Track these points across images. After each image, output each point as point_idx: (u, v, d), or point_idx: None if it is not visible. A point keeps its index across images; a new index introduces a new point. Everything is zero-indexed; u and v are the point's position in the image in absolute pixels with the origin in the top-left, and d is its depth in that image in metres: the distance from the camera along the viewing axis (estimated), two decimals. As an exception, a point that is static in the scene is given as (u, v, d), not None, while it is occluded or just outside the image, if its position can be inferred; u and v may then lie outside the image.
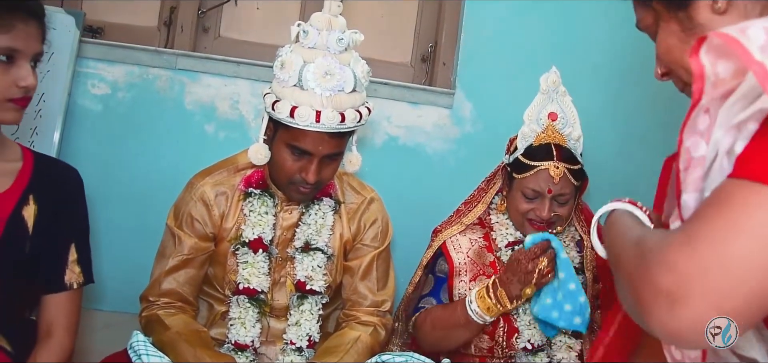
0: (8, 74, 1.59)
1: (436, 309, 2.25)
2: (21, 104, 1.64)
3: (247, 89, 2.80)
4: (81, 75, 2.69)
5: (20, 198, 1.73)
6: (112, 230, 2.63)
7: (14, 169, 1.75)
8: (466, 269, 2.26)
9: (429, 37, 3.04)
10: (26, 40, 1.61)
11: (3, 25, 1.56)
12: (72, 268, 1.82)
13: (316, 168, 1.94)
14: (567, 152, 2.19)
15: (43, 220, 1.75)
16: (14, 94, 1.61)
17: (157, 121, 2.76)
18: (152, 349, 1.90)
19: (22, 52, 1.60)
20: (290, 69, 1.89)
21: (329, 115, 1.87)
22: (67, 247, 1.82)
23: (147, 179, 2.73)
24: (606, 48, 2.99)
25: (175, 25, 2.88)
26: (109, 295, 2.65)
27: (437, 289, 2.31)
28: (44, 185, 1.77)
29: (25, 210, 1.73)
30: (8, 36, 1.57)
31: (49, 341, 1.79)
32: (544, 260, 2.10)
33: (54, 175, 1.81)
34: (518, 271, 2.11)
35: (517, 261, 2.12)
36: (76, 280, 1.82)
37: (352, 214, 2.17)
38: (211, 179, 2.09)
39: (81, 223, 1.86)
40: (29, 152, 1.81)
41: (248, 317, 2.05)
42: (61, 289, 1.81)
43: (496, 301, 2.13)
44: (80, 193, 1.85)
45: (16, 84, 1.60)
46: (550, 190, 2.16)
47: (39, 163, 1.79)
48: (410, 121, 2.92)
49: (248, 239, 2.05)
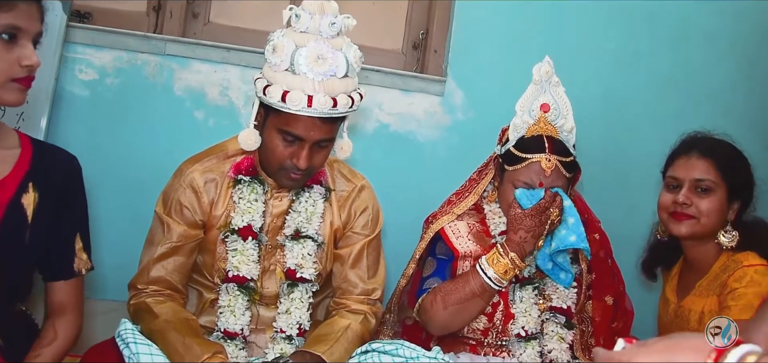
0: (11, 53, 1.57)
1: (446, 285, 2.21)
2: (25, 84, 1.62)
3: (237, 75, 2.79)
4: (68, 60, 2.66)
5: (19, 185, 1.71)
6: (101, 217, 2.60)
7: (13, 156, 1.73)
8: (470, 251, 2.24)
9: (420, 25, 3.03)
10: (28, 19, 1.59)
11: (5, 3, 1.54)
12: (80, 255, 1.84)
13: (308, 154, 1.93)
14: (559, 144, 2.18)
15: (44, 208, 1.73)
16: (18, 74, 1.59)
17: (146, 107, 2.74)
18: (140, 337, 1.88)
19: (25, 30, 1.58)
20: (282, 53, 1.87)
21: (321, 100, 1.86)
22: (74, 236, 1.83)
23: (136, 166, 2.71)
24: (598, 38, 2.99)
25: (164, 11, 2.85)
26: (99, 283, 2.63)
27: (442, 269, 2.27)
28: (44, 173, 1.75)
29: (25, 198, 1.71)
30: (11, 14, 1.55)
31: (63, 317, 1.84)
32: (555, 211, 2.10)
33: (54, 162, 1.79)
34: (530, 226, 2.10)
35: (526, 216, 2.10)
36: (84, 266, 1.85)
37: (343, 202, 2.15)
38: (200, 166, 2.07)
39: (83, 211, 1.87)
40: (27, 139, 1.78)
41: (238, 305, 2.03)
42: (71, 277, 1.84)
43: (510, 263, 2.12)
44: (80, 181, 1.85)
45: (20, 63, 1.58)
46: (542, 184, 2.14)
47: (37, 150, 1.78)
48: (401, 109, 2.91)
49: (238, 227, 2.03)
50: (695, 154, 2.21)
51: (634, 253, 2.47)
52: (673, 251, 2.35)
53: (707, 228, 2.17)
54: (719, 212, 2.17)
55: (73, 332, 1.86)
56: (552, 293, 2.27)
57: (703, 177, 2.18)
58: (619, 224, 2.59)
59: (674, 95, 3.09)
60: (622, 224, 2.61)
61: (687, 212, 2.18)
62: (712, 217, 2.17)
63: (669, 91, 3.09)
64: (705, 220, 2.17)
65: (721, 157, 2.19)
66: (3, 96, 1.59)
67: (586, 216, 2.38)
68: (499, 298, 2.21)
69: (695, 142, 2.26)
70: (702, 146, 2.22)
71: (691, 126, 2.35)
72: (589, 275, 2.33)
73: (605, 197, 2.73)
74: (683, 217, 2.19)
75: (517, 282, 2.23)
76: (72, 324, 1.85)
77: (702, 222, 2.17)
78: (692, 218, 2.18)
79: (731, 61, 3.12)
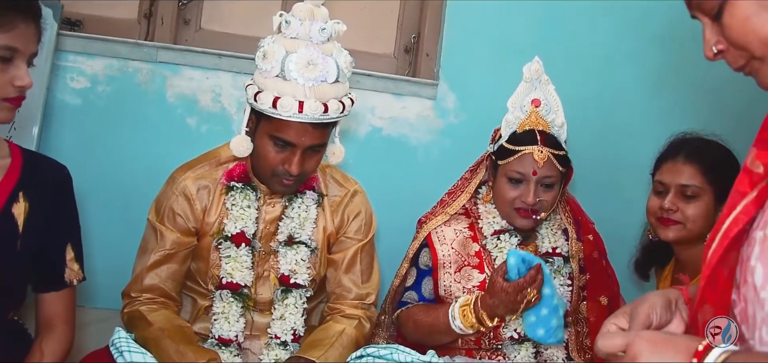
0: (5, 73, 1.58)
1: (419, 311, 2.24)
2: (15, 104, 1.63)
3: (229, 82, 2.78)
4: (60, 69, 2.66)
5: (9, 195, 1.71)
6: (94, 226, 2.59)
7: (2, 166, 1.73)
8: (451, 261, 2.25)
9: (412, 28, 3.03)
10: (25, 40, 1.59)
11: (5, 24, 1.55)
12: (71, 266, 1.83)
13: (300, 159, 1.93)
14: (551, 138, 2.20)
15: (35, 218, 1.74)
16: (9, 94, 1.60)
17: (139, 114, 2.74)
18: (134, 345, 1.89)
19: (21, 51, 1.59)
20: (272, 59, 1.87)
21: (312, 106, 1.86)
22: (65, 246, 1.83)
23: (129, 174, 2.70)
24: (590, 38, 2.99)
25: (156, 18, 2.85)
26: (91, 292, 2.62)
27: (419, 283, 2.30)
28: (34, 183, 1.76)
29: (15, 208, 1.71)
30: (9, 35, 1.56)
31: (51, 333, 1.82)
32: (533, 291, 2.05)
33: (44, 172, 1.80)
34: (505, 300, 2.06)
35: (503, 290, 2.05)
36: (76, 277, 1.85)
37: (336, 207, 2.16)
38: (192, 173, 2.07)
39: (74, 221, 1.87)
40: (17, 148, 1.79)
41: (232, 312, 2.03)
42: (62, 288, 1.83)
43: (478, 322, 2.11)
44: (71, 191, 1.85)
45: (12, 83, 1.59)
46: (535, 172, 2.16)
47: (27, 160, 1.78)
48: (394, 113, 2.91)
49: (231, 233, 2.04)
50: (681, 158, 2.20)
51: (628, 253, 2.47)
52: (666, 251, 2.35)
53: (694, 233, 2.16)
54: (706, 217, 2.15)
55: (63, 348, 1.84)
56: (544, 294, 2.27)
57: (688, 183, 2.16)
58: (613, 224, 2.59)
59: (666, 95, 3.10)
60: (615, 224, 2.61)
61: (673, 218, 2.17)
62: (699, 222, 2.15)
63: (661, 91, 3.10)
64: (691, 226, 2.16)
65: (707, 161, 2.18)
66: None
67: (580, 218, 2.39)
68: None
69: (682, 145, 2.24)
70: (688, 150, 2.21)
71: (683, 125, 2.35)
72: (582, 276, 2.34)
73: (598, 198, 2.73)
74: (670, 222, 2.18)
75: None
76: (62, 340, 1.83)
77: (688, 227, 2.16)
78: (679, 223, 2.17)
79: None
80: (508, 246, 2.25)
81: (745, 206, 1.13)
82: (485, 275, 2.23)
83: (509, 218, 2.24)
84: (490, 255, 2.26)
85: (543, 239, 2.32)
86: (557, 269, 2.29)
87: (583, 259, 2.34)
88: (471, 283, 2.23)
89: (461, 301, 2.16)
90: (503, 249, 2.24)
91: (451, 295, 2.23)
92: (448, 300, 2.22)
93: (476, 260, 2.25)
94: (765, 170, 1.11)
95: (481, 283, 2.22)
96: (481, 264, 2.25)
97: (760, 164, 1.12)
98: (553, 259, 2.29)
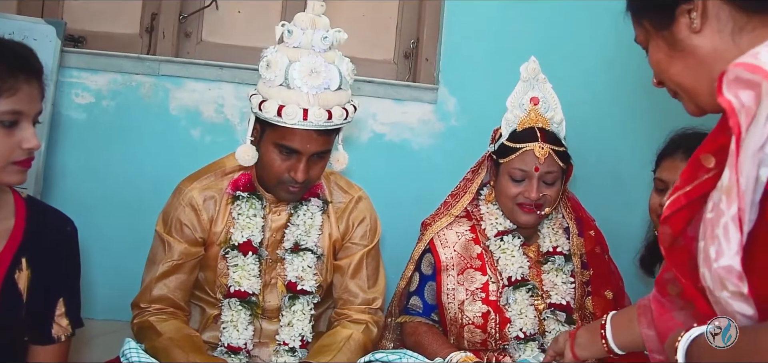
0: (12, 137, 1.56)
1: (422, 335, 2.25)
2: (24, 166, 1.61)
3: (232, 92, 2.80)
4: (64, 85, 2.68)
5: (11, 263, 1.68)
6: (101, 239, 2.62)
7: (6, 228, 1.70)
8: (454, 264, 2.27)
9: (411, 34, 3.05)
10: (29, 101, 1.58)
11: (9, 89, 1.53)
12: (59, 321, 1.78)
13: (305, 167, 1.95)
14: (551, 134, 2.23)
15: (37, 282, 1.71)
16: (18, 157, 1.58)
17: (143, 127, 2.75)
18: (145, 355, 1.90)
19: (26, 113, 1.57)
20: (276, 68, 1.89)
21: (316, 113, 1.88)
22: (55, 301, 1.78)
23: (134, 186, 2.72)
24: (588, 41, 3.00)
25: (157, 32, 2.88)
26: (99, 304, 2.64)
27: (421, 288, 2.32)
28: (37, 244, 1.72)
29: (18, 275, 1.69)
30: (12, 99, 1.54)
31: None
32: None
33: (47, 230, 1.76)
34: None
35: None
36: (64, 332, 1.79)
37: (341, 213, 2.17)
38: (198, 184, 2.09)
39: (72, 277, 1.83)
40: (21, 203, 1.74)
41: (240, 320, 2.05)
42: (49, 343, 1.78)
43: None
44: (74, 246, 1.81)
45: (20, 146, 1.57)
46: (537, 168, 2.18)
47: (31, 218, 1.74)
48: (395, 118, 2.92)
49: (238, 242, 2.05)
50: (679, 156, 2.20)
51: (631, 250, 2.48)
52: (671, 247, 2.35)
53: None
54: None
55: None
56: (550, 290, 2.29)
57: None
58: (615, 223, 2.60)
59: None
60: (617, 223, 2.63)
61: None
62: None
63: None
64: None
65: None
66: (3, 178, 1.59)
67: (581, 215, 2.41)
68: (488, 307, 2.24)
69: (681, 141, 2.24)
70: (687, 147, 2.21)
71: (681, 122, 2.36)
72: (585, 272, 2.35)
73: (599, 197, 2.74)
74: None
75: (510, 285, 2.25)
76: None
77: None
78: None
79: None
80: (511, 247, 2.27)
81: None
82: (487, 277, 2.25)
83: (512, 215, 2.26)
84: (493, 256, 2.28)
85: (544, 238, 2.33)
86: (559, 267, 2.30)
87: (585, 255, 2.35)
88: (474, 286, 2.25)
89: (460, 358, 2.14)
90: (506, 250, 2.27)
91: (455, 299, 2.25)
92: (450, 305, 2.24)
93: (479, 262, 2.27)
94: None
95: (484, 285, 2.24)
96: (483, 266, 2.27)
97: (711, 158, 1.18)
98: (554, 257, 2.31)
